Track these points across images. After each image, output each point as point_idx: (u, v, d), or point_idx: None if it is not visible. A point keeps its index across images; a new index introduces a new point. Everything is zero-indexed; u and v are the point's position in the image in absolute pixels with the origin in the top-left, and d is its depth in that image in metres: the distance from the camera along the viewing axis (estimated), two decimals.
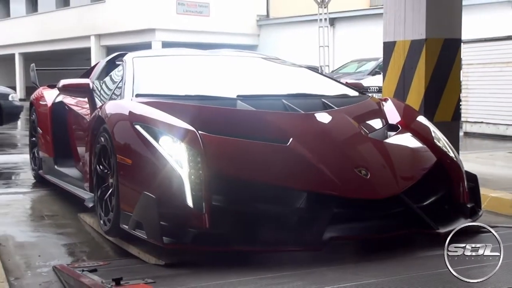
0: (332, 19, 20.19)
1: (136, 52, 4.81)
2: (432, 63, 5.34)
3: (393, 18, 5.60)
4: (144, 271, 2.88)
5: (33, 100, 5.77)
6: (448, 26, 5.45)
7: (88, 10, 26.04)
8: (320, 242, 2.95)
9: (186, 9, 23.87)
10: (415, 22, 5.36)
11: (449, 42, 5.41)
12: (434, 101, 5.31)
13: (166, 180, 3.00)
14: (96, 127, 3.73)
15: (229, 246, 2.94)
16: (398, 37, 5.56)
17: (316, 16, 18.46)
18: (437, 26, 5.33)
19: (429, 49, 5.31)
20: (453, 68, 5.48)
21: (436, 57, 5.35)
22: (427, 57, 5.30)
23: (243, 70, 4.64)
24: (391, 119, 3.78)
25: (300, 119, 3.52)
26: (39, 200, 5.12)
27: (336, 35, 21.32)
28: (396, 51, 5.60)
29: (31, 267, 3.24)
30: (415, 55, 5.38)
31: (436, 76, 5.33)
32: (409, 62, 5.44)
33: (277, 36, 24.04)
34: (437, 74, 5.34)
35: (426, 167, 3.41)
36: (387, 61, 5.69)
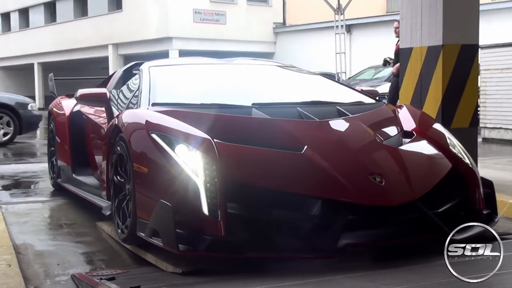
0: (348, 26, 20.21)
1: (152, 61, 4.85)
2: (449, 69, 5.30)
3: (410, 24, 5.58)
4: (161, 279, 2.90)
5: (51, 110, 5.83)
6: (465, 32, 5.40)
7: (106, 20, 26.28)
8: (334, 249, 2.95)
9: (203, 18, 23.98)
10: (432, 28, 5.33)
11: (466, 48, 5.37)
12: (452, 107, 5.27)
13: (181, 188, 3.03)
14: (113, 136, 3.78)
15: (244, 253, 2.95)
16: (415, 43, 5.54)
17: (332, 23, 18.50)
18: (454, 32, 5.29)
19: (446, 55, 5.27)
20: (471, 74, 5.44)
21: (453, 63, 5.31)
22: (444, 63, 5.26)
23: (258, 78, 4.67)
24: (406, 126, 3.78)
25: (315, 126, 3.54)
26: (58, 208, 5.16)
27: (352, 42, 21.30)
28: (412, 57, 5.57)
29: (50, 275, 3.26)
30: (432, 61, 5.35)
31: (454, 82, 5.29)
32: (426, 68, 5.41)
33: (293, 44, 24.06)
34: (455, 80, 5.29)
35: (441, 174, 3.40)
36: (404, 67, 5.66)
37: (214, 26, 24.01)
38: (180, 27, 23.32)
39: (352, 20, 20.69)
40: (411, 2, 5.54)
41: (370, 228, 3.10)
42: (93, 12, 27.36)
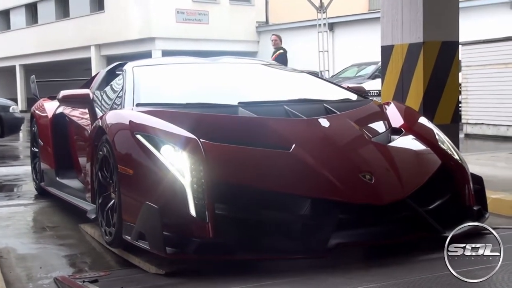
0: (331, 24, 20.24)
1: (136, 61, 4.77)
2: (430, 66, 5.33)
3: (391, 22, 5.60)
4: (144, 280, 2.85)
5: (34, 112, 5.73)
6: (446, 29, 5.45)
7: (88, 21, 26.11)
8: (325, 249, 2.90)
9: (186, 18, 23.89)
10: (413, 26, 5.36)
11: (447, 45, 5.42)
12: (433, 103, 5.29)
13: (168, 189, 2.96)
14: (97, 137, 3.69)
15: (234, 255, 2.89)
16: (396, 41, 5.56)
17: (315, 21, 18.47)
18: (435, 29, 5.33)
19: (427, 52, 5.31)
20: (452, 71, 5.48)
21: (434, 60, 5.35)
22: (425, 60, 5.30)
23: (244, 77, 4.60)
24: (394, 122, 3.75)
25: (302, 124, 3.48)
26: (41, 211, 5.07)
27: (335, 40, 21.34)
28: (394, 54, 5.59)
29: (32, 279, 3.19)
30: (413, 58, 5.38)
31: (435, 79, 5.33)
32: (407, 65, 5.44)
33: None
34: (436, 77, 5.34)
35: (431, 171, 3.36)
36: (385, 65, 5.70)
37: (197, 26, 23.93)
38: (163, 27, 23.22)
39: (335, 19, 20.73)
40: (391, 1, 5.56)
41: (360, 227, 3.05)
42: (75, 13, 27.15)
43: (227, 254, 2.88)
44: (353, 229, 3.03)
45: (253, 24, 25.46)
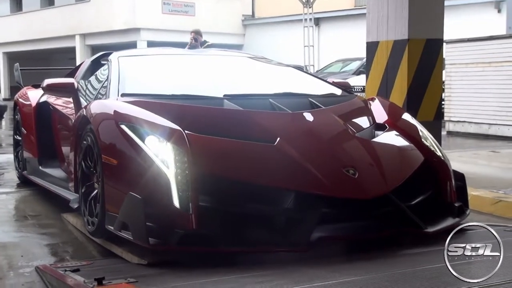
0: (317, 19, 20.23)
1: (121, 51, 4.73)
2: (414, 63, 5.36)
3: (376, 19, 5.62)
4: (126, 270, 2.83)
5: (17, 100, 5.65)
6: (430, 27, 5.48)
7: (73, 10, 25.82)
8: (308, 242, 2.90)
9: (172, 9, 23.75)
10: (398, 23, 5.38)
11: (431, 43, 5.45)
12: (417, 100, 5.32)
13: (152, 180, 2.94)
14: (81, 127, 3.66)
15: (217, 247, 2.88)
16: (381, 37, 5.58)
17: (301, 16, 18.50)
18: (419, 26, 5.36)
19: (412, 49, 5.34)
20: (435, 68, 5.52)
21: (418, 57, 5.39)
22: (409, 57, 5.33)
23: (229, 70, 4.59)
24: (378, 118, 3.75)
25: (287, 118, 3.47)
26: (23, 200, 5.03)
27: (321, 35, 21.34)
28: (379, 51, 5.61)
29: (13, 267, 3.17)
30: (398, 55, 5.41)
31: (419, 76, 5.37)
32: (392, 62, 5.46)
33: (262, 36, 24.02)
34: (420, 74, 5.37)
35: (413, 166, 3.37)
36: (370, 61, 5.72)
37: (183, 17, 23.77)
38: (149, 18, 23.06)
39: (321, 14, 20.72)
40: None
41: (343, 221, 3.05)
42: (60, 1, 26.85)
43: (210, 246, 2.87)
44: (336, 223, 3.03)
45: (239, 17, 25.37)
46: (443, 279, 2.44)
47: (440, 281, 2.39)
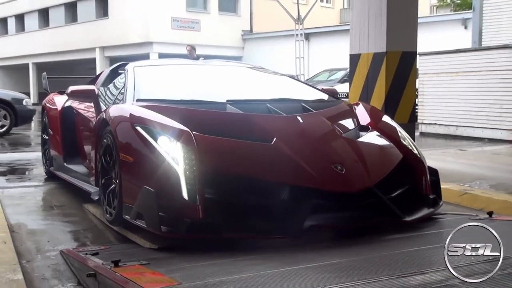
0: (307, 34, 20.21)
1: (136, 62, 4.69)
2: (391, 72, 5.37)
3: (358, 34, 5.63)
4: (139, 254, 2.81)
5: (45, 105, 5.62)
6: (405, 41, 5.48)
7: (94, 25, 25.78)
8: (300, 230, 2.87)
9: (180, 25, 23.73)
10: (377, 38, 5.38)
11: (406, 55, 5.45)
12: (393, 105, 5.31)
13: (163, 175, 2.91)
14: (101, 128, 3.62)
15: (221, 234, 2.85)
16: (363, 50, 5.58)
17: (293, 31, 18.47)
18: (396, 41, 5.35)
19: (389, 60, 5.34)
20: (410, 77, 5.53)
21: (395, 68, 5.39)
22: (387, 67, 5.33)
23: (231, 78, 4.54)
24: (362, 120, 3.71)
25: (283, 121, 3.43)
26: (49, 192, 4.98)
27: (310, 48, 21.33)
28: (361, 62, 5.61)
29: (41, 251, 3.16)
30: (377, 65, 5.41)
31: (395, 84, 5.38)
32: (372, 71, 5.46)
33: (259, 49, 24.00)
34: (396, 82, 5.38)
35: (393, 163, 3.34)
36: (353, 71, 5.72)
37: (189, 32, 23.75)
38: (160, 33, 23.04)
39: (310, 29, 20.70)
40: (359, 15, 5.58)
41: (332, 212, 3.02)
42: (82, 18, 26.80)
43: (215, 233, 2.84)
44: (326, 213, 3.00)
45: (239, 32, 25.34)
46: (416, 261, 2.44)
47: (414, 263, 2.37)
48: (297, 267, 2.38)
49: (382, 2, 5.34)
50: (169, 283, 2.10)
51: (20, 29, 31.74)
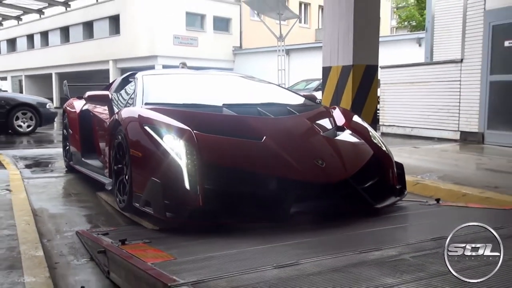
0: (287, 50, 20.17)
1: (144, 71, 4.58)
2: (357, 82, 5.41)
3: (329, 50, 5.67)
4: (143, 234, 2.74)
5: (65, 108, 5.49)
6: (369, 56, 5.53)
7: (107, 41, 25.49)
8: (287, 216, 2.79)
9: (180, 41, 23.56)
10: (345, 53, 5.41)
11: (369, 68, 5.48)
12: (359, 110, 5.31)
13: (168, 168, 2.81)
14: (114, 128, 3.51)
15: (218, 220, 2.75)
16: (333, 63, 5.62)
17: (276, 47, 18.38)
18: (361, 56, 5.37)
19: (355, 72, 5.38)
20: (372, 86, 5.55)
21: (360, 78, 5.43)
22: (353, 78, 5.38)
23: (226, 85, 4.45)
24: (338, 121, 3.63)
25: (271, 121, 3.34)
26: (68, 182, 4.85)
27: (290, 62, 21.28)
28: (331, 73, 5.62)
29: (59, 232, 3.08)
30: (345, 76, 5.44)
31: (360, 92, 5.42)
32: (341, 81, 5.48)
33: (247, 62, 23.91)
34: (361, 90, 5.43)
35: (365, 158, 3.26)
36: (325, 81, 5.75)
37: (189, 48, 23.60)
38: (164, 48, 22.85)
39: (290, 46, 20.66)
40: (330, 35, 5.58)
41: (314, 200, 2.94)
42: (98, 35, 26.49)
43: (213, 219, 2.74)
44: (309, 201, 2.92)
45: (230, 48, 25.23)
46: (377, 239, 2.38)
47: (375, 241, 2.31)
48: (275, 245, 2.32)
49: (349, 24, 5.37)
50: (167, 258, 2.05)
51: (44, 44, 31.29)
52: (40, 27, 30.93)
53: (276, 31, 17.70)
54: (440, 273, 1.65)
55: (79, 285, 2.19)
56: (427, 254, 1.89)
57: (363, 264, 1.78)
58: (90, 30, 27.44)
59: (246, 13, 25.28)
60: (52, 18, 29.12)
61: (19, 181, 4.69)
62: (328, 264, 1.78)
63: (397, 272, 1.66)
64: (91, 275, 2.34)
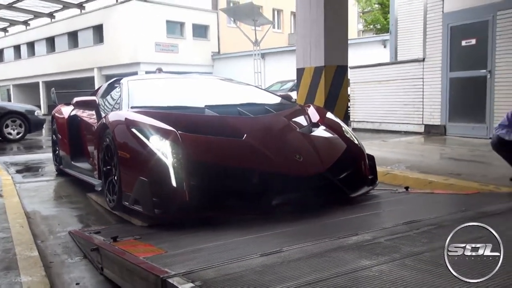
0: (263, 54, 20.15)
1: (129, 77, 4.51)
2: (328, 82, 5.44)
3: (302, 52, 5.70)
4: (133, 231, 2.71)
5: (54, 114, 5.37)
6: (339, 57, 5.57)
7: (92, 50, 25.02)
8: (269, 207, 2.79)
9: (162, 48, 23.29)
10: (317, 55, 5.44)
11: (340, 68, 5.52)
12: (331, 107, 5.36)
13: (155, 167, 2.77)
14: (102, 131, 3.44)
15: (204, 214, 2.73)
16: (306, 64, 5.63)
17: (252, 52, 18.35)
18: (332, 57, 5.41)
19: (327, 73, 5.42)
20: (343, 85, 5.59)
21: (331, 78, 5.46)
22: (325, 78, 5.40)
23: (207, 88, 4.41)
24: (313, 118, 3.64)
25: (251, 120, 3.33)
26: (58, 185, 4.75)
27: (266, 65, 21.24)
28: (305, 74, 5.63)
29: (53, 232, 3.02)
30: (318, 77, 5.47)
31: (332, 91, 5.46)
32: (314, 81, 5.50)
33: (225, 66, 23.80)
34: (332, 89, 5.46)
35: (340, 152, 3.28)
36: (299, 81, 5.76)
37: (169, 54, 23.34)
38: (146, 55, 22.55)
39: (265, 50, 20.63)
40: (303, 38, 5.61)
41: (294, 192, 2.94)
42: (82, 44, 25.97)
43: (199, 213, 2.72)
44: (289, 193, 2.92)
45: (209, 53, 25.07)
46: (353, 226, 2.40)
47: (352, 227, 2.34)
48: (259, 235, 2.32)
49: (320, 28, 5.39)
50: (158, 252, 2.03)
51: (31, 54, 30.52)
52: (26, 38, 30.20)
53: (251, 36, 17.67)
54: (412, 254, 1.68)
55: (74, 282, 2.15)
56: (400, 237, 1.92)
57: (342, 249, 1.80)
58: (75, 39, 26.89)
59: (223, 20, 25.19)
60: (38, 29, 28.46)
61: (11, 186, 4.58)
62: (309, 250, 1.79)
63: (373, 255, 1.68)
64: (85, 272, 2.30)
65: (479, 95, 7.46)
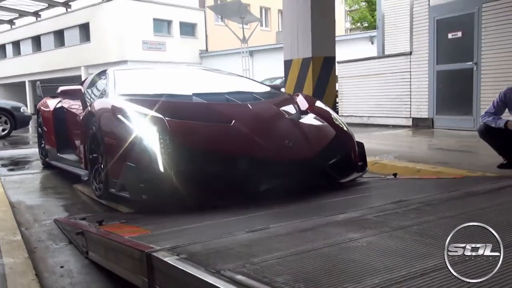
0: (251, 51, 20.11)
1: (115, 67, 4.45)
2: (316, 73, 5.42)
3: (290, 44, 5.68)
4: (119, 217, 2.68)
5: (39, 108, 5.27)
6: (326, 48, 5.55)
7: (79, 48, 24.74)
8: (258, 192, 2.76)
9: (149, 46, 23.12)
10: (305, 46, 5.43)
11: (327, 59, 5.49)
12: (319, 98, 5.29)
13: (143, 153, 2.73)
14: (88, 119, 3.38)
15: (192, 199, 2.68)
16: (294, 56, 5.62)
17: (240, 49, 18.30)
18: (319, 48, 5.38)
19: (315, 64, 5.40)
20: (331, 77, 5.59)
21: (319, 69, 5.45)
22: (313, 69, 5.40)
23: (195, 77, 4.37)
24: (302, 106, 3.63)
25: (239, 107, 3.30)
26: (44, 177, 4.67)
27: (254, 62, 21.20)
28: (292, 66, 5.61)
29: (38, 221, 2.96)
30: (305, 68, 5.46)
31: (319, 83, 5.45)
32: (302, 73, 5.49)
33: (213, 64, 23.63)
34: (320, 81, 5.45)
35: (329, 138, 3.27)
36: (287, 73, 5.74)
37: (157, 52, 23.18)
38: (133, 53, 22.35)
39: (253, 47, 20.60)
40: (290, 30, 5.60)
41: (283, 177, 2.92)
42: (69, 43, 25.67)
43: (187, 198, 2.67)
44: (278, 178, 2.90)
45: (197, 51, 24.94)
46: (341, 206, 2.38)
47: (340, 207, 2.32)
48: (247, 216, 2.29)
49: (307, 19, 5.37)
50: (143, 232, 2.01)
51: (17, 53, 30.07)
52: (12, 37, 29.75)
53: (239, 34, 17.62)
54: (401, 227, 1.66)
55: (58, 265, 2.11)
56: (388, 214, 1.91)
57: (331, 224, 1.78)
58: (61, 38, 26.56)
59: (211, 18, 25.08)
60: (23, 28, 28.04)
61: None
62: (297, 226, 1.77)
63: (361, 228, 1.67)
64: (70, 256, 2.26)
65: (465, 87, 7.53)
